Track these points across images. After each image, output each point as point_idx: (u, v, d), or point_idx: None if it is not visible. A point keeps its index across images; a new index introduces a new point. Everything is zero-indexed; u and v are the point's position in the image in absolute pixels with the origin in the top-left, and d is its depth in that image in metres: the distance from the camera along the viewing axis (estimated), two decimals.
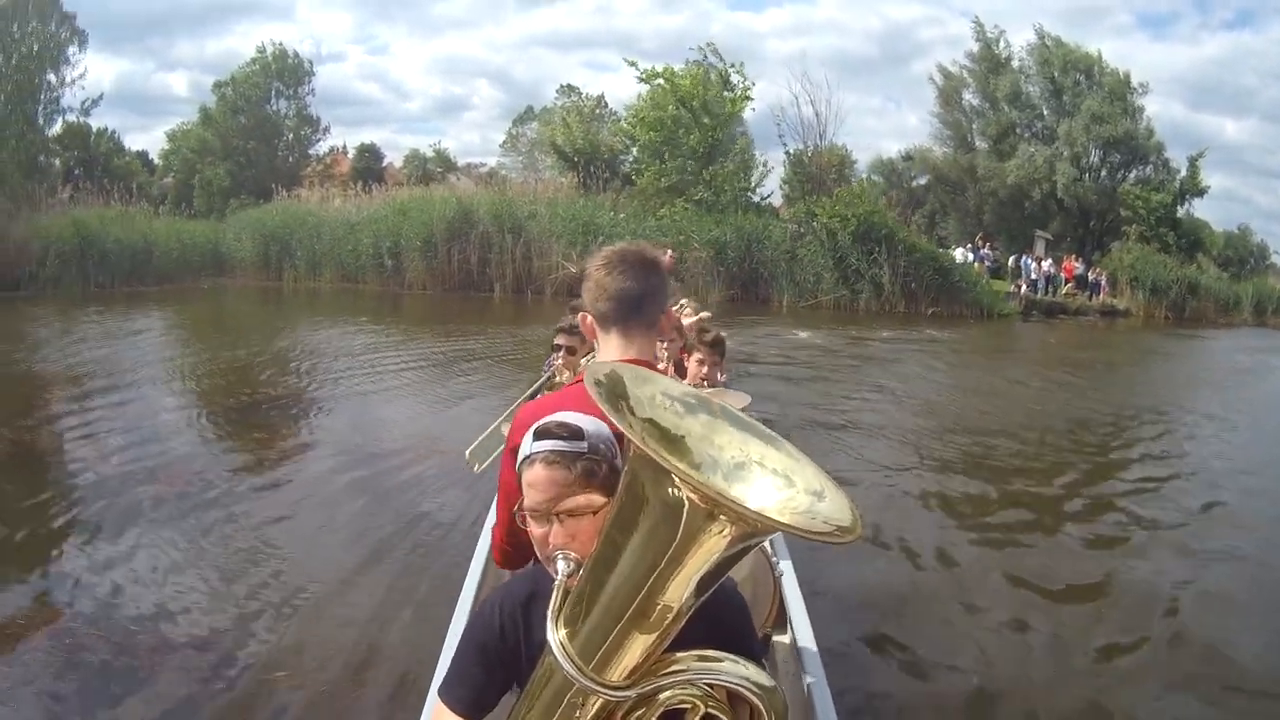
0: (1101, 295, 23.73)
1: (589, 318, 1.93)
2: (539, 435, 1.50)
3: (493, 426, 4.03)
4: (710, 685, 1.30)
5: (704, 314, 4.97)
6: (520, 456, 1.53)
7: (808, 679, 2.32)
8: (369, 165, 37.02)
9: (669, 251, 10.68)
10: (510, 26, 68.24)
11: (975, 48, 29.10)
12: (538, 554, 1.53)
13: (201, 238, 26.69)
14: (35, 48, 28.12)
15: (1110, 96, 26.42)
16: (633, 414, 1.21)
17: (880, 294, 20.66)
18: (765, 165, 26.72)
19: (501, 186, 27.41)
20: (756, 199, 25.49)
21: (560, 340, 4.15)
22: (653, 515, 1.15)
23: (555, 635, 1.23)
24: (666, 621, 1.21)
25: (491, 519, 3.37)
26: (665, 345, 4.08)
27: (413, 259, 22.31)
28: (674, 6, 65.62)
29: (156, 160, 40.65)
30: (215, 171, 34.01)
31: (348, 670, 3.68)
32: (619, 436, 1.47)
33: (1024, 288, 23.57)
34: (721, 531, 1.10)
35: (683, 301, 5.63)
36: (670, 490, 1.11)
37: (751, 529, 1.10)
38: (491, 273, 21.97)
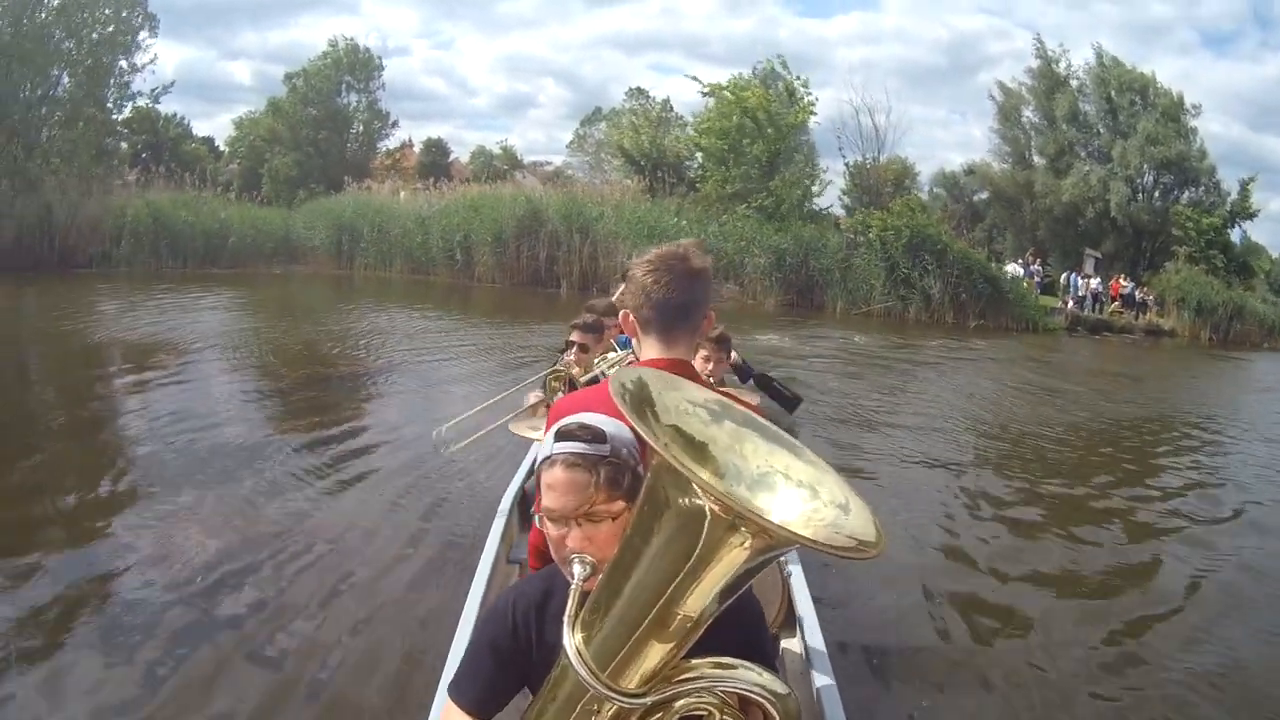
0: (1148, 314, 24.57)
1: (630, 315, 1.99)
2: (560, 436, 1.52)
3: (468, 413, 4.24)
4: (724, 692, 1.33)
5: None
6: (540, 456, 1.56)
7: (818, 685, 2.35)
8: (435, 160, 38.73)
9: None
10: (577, 26, 68.82)
11: (1035, 64, 29.99)
12: (553, 555, 1.55)
13: (273, 225, 28.15)
14: (110, 29, 29.36)
15: (1164, 118, 27.26)
16: (657, 420, 1.23)
17: (929, 304, 21.79)
18: (825, 175, 27.87)
19: (569, 186, 28.85)
20: (816, 208, 26.59)
21: (575, 337, 4.25)
22: (674, 524, 1.18)
23: (571, 640, 1.26)
24: (685, 630, 1.24)
25: (503, 516, 3.47)
26: None
27: (483, 253, 23.78)
28: (741, 11, 66.26)
29: (223, 147, 42.26)
30: (284, 161, 35.61)
31: (360, 664, 3.76)
32: (642, 441, 1.45)
33: (1070, 304, 24.59)
34: (743, 543, 1.12)
35: None
36: (692, 499, 1.13)
37: (774, 542, 1.12)
38: (559, 269, 23.28)
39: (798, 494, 1.21)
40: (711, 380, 3.73)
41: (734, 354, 5.46)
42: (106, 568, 4.64)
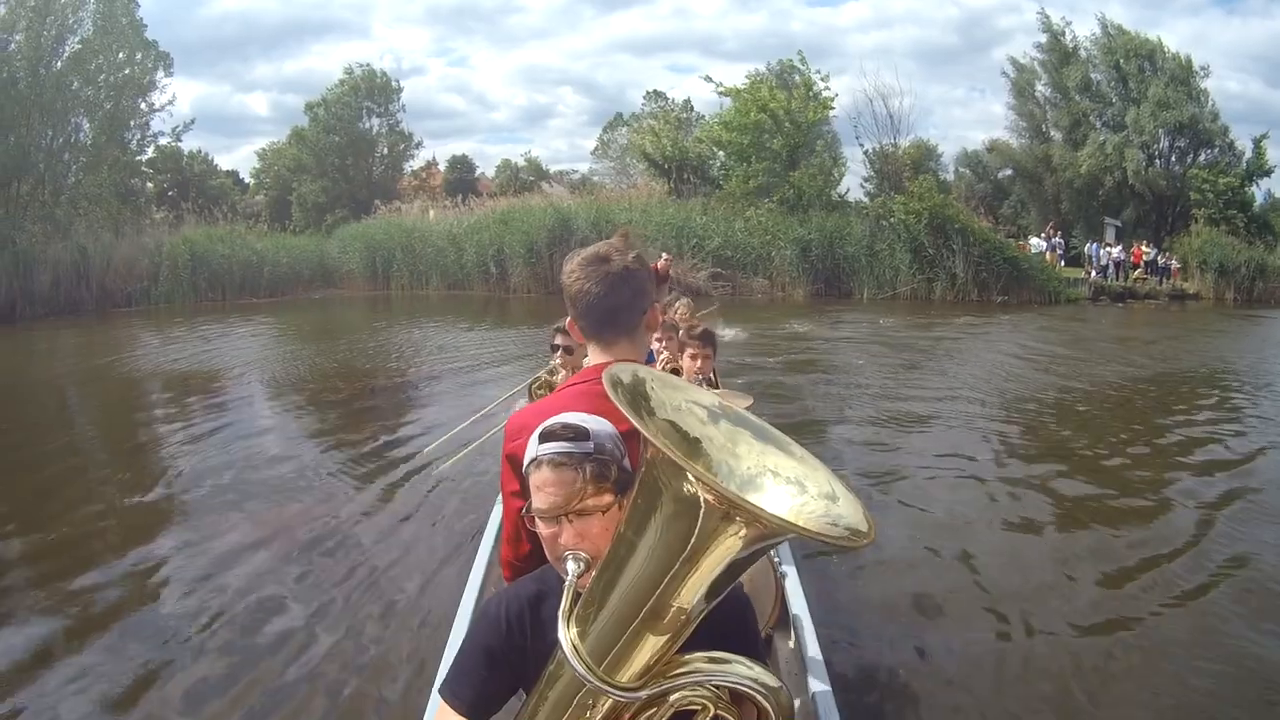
0: (1171, 279, 25.17)
1: (575, 324, 1.98)
2: (544, 437, 1.55)
3: (459, 428, 4.20)
4: (718, 686, 1.38)
5: (683, 301, 5.36)
6: (526, 460, 1.59)
7: (812, 686, 2.37)
8: (461, 176, 40.10)
9: (664, 256, 11.55)
10: (589, 33, 70.93)
11: (1044, 39, 30.67)
12: (547, 554, 1.58)
13: (307, 251, 29.26)
14: (128, 71, 30.43)
15: (1173, 82, 27.79)
16: (652, 415, 1.29)
17: (954, 284, 22.67)
18: (846, 163, 28.98)
19: (596, 193, 30.08)
20: (839, 197, 27.48)
21: (559, 340, 4.29)
22: (668, 516, 1.22)
23: (566, 635, 1.28)
24: (679, 624, 1.28)
25: (494, 523, 3.45)
26: (664, 345, 4.40)
27: (516, 265, 24.77)
28: (752, 5, 67.32)
29: (248, 179, 44.03)
30: (311, 188, 37.04)
31: (370, 665, 3.89)
32: (629, 436, 1.53)
33: (1094, 274, 25.33)
34: (737, 532, 1.17)
35: (679, 302, 5.89)
36: (686, 490, 1.17)
37: (767, 530, 1.17)
38: None
39: (788, 488, 1.26)
40: (700, 377, 3.98)
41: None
42: (142, 572, 5.04)
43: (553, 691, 1.40)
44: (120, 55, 30.36)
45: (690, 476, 1.16)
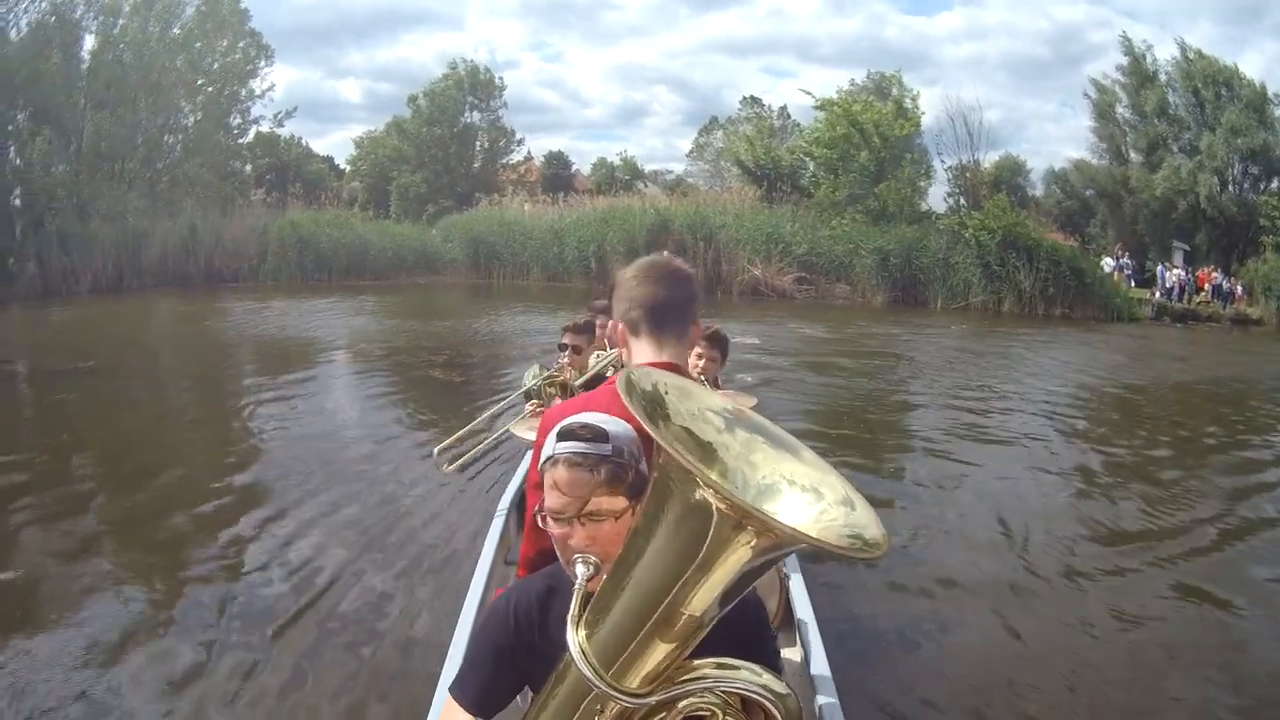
0: (1235, 304, 26.41)
1: (620, 325, 2.13)
2: (562, 436, 1.62)
3: (467, 428, 4.25)
4: (726, 692, 1.41)
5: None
6: (543, 457, 1.67)
7: (819, 701, 2.44)
8: (557, 173, 42.21)
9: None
10: (685, 33, 72.47)
11: (1125, 61, 32.21)
12: (558, 555, 1.66)
13: (410, 239, 31.28)
14: (230, 58, 33.51)
15: (1248, 108, 29.02)
16: (668, 421, 1.32)
17: (1021, 298, 24.37)
18: (935, 176, 30.95)
19: (693, 196, 32.34)
20: (926, 209, 29.43)
21: (567, 339, 4.41)
22: (680, 522, 1.25)
23: (575, 638, 1.32)
24: (689, 630, 1.32)
25: (501, 516, 3.68)
26: None
27: (616, 261, 25.96)
28: (847, 10, 69.38)
29: (343, 165, 46.36)
30: (411, 178, 39.41)
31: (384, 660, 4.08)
32: (647, 441, 1.51)
33: (1158, 295, 26.91)
34: (749, 542, 1.20)
35: None
36: (699, 497, 1.20)
37: (779, 540, 1.20)
38: None
39: (803, 497, 1.30)
40: (703, 379, 3.97)
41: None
42: (225, 552, 5.48)
43: (559, 693, 1.46)
44: (224, 42, 33.21)
45: (703, 484, 1.19)
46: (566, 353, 4.48)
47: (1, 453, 7.74)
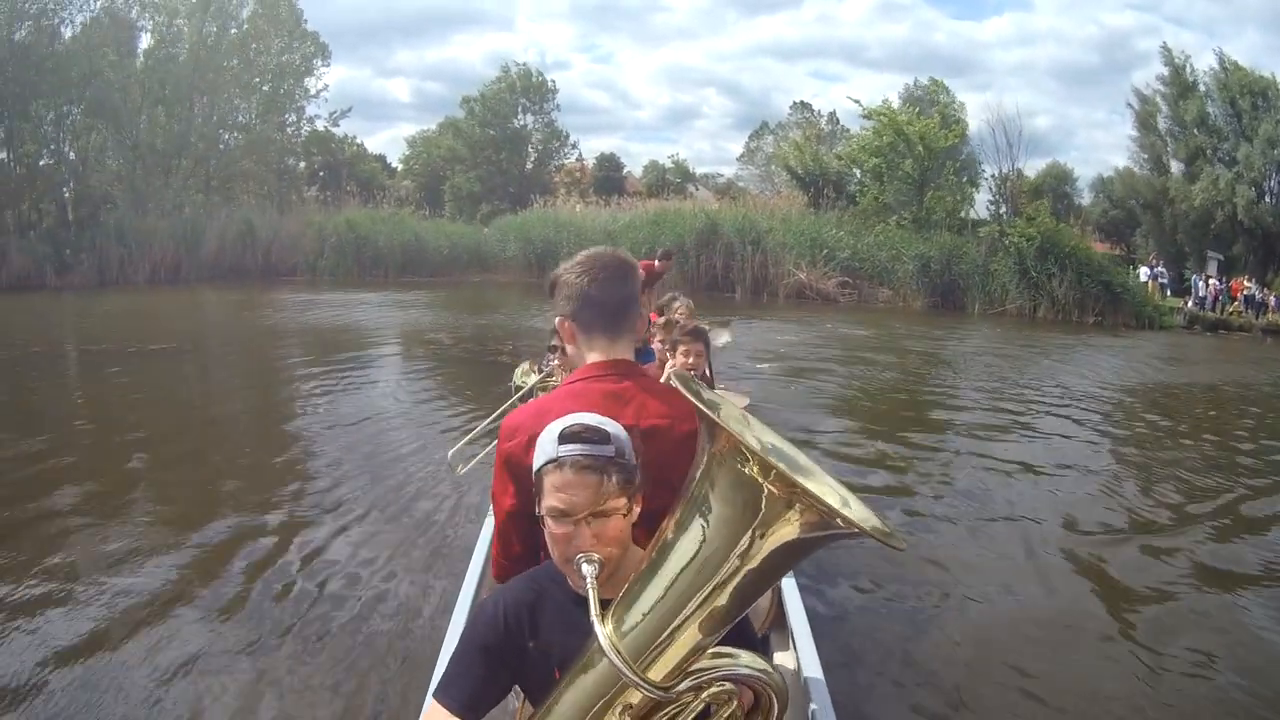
0: (1268, 314, 27.08)
1: (567, 322, 2.11)
2: (566, 438, 1.62)
3: (477, 430, 4.52)
4: (732, 680, 1.49)
5: (682, 300, 5.44)
6: (540, 460, 1.65)
7: (812, 705, 2.45)
8: (609, 175, 43.64)
9: (661, 255, 12.59)
10: (734, 36, 74.88)
11: (1166, 72, 33.22)
12: (553, 554, 1.67)
13: (465, 238, 32.75)
14: (285, 58, 35.32)
15: None
16: (718, 411, 1.39)
17: (1055, 304, 25.24)
18: (981, 183, 32.37)
19: (742, 199, 33.78)
20: (971, 217, 30.60)
21: (557, 341, 4.20)
22: (730, 505, 1.33)
23: (604, 632, 1.36)
24: (723, 620, 1.40)
25: (489, 526, 3.51)
26: (662, 344, 4.63)
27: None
28: (896, 15, 71.50)
29: (395, 164, 48.11)
30: (465, 178, 41.09)
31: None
32: (633, 435, 1.68)
33: (1191, 304, 27.94)
34: (797, 519, 1.28)
35: (678, 302, 5.96)
36: (749, 479, 1.30)
37: (822, 518, 1.27)
38: (734, 276, 27.80)
39: (831, 487, 1.40)
40: (693, 374, 3.57)
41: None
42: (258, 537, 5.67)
43: (583, 686, 1.50)
44: (279, 42, 34.87)
45: (758, 465, 1.27)
46: (556, 354, 4.49)
47: (62, 422, 8.74)
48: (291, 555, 5.44)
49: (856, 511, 1.28)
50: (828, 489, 1.33)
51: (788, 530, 1.30)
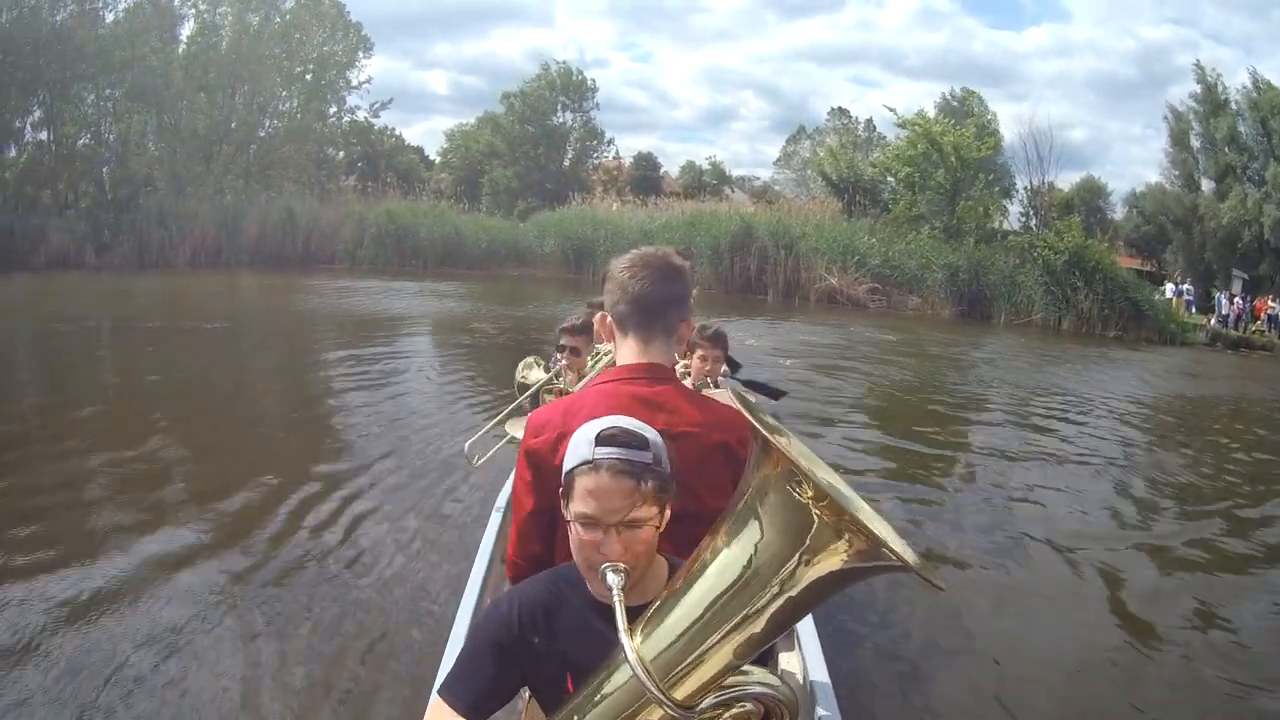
0: None
1: (608, 318, 2.10)
2: (603, 441, 1.57)
3: (493, 423, 4.55)
4: (746, 699, 1.46)
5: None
6: (574, 460, 1.59)
7: (819, 711, 2.43)
8: (646, 174, 44.20)
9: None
10: (773, 39, 76.46)
11: (1199, 89, 33.74)
12: (576, 559, 1.62)
13: (503, 232, 33.42)
14: (328, 49, 35.99)
15: None
16: (775, 433, 1.35)
17: (1080, 317, 25.76)
18: (1012, 197, 32.99)
19: (777, 203, 34.56)
20: (1004, 229, 31.21)
21: (565, 340, 4.38)
22: (778, 529, 1.32)
23: (631, 646, 1.33)
24: (757, 644, 1.38)
25: (495, 522, 3.63)
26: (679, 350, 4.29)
27: (701, 264, 27.29)
28: (935, 23, 72.62)
29: (433, 156, 49.12)
30: (504, 174, 41.98)
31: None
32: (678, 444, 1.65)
33: (1214, 321, 28.53)
34: (845, 550, 1.27)
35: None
36: (800, 503, 1.29)
37: (868, 548, 1.26)
38: (767, 279, 28.55)
39: (876, 518, 1.34)
40: (709, 380, 4.04)
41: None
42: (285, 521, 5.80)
43: (605, 699, 1.47)
44: (321, 33, 35.65)
45: (812, 491, 1.26)
46: (564, 354, 4.39)
47: (111, 390, 9.32)
48: (303, 535, 5.67)
49: (900, 546, 1.28)
50: (878, 521, 1.32)
51: (834, 560, 1.30)
